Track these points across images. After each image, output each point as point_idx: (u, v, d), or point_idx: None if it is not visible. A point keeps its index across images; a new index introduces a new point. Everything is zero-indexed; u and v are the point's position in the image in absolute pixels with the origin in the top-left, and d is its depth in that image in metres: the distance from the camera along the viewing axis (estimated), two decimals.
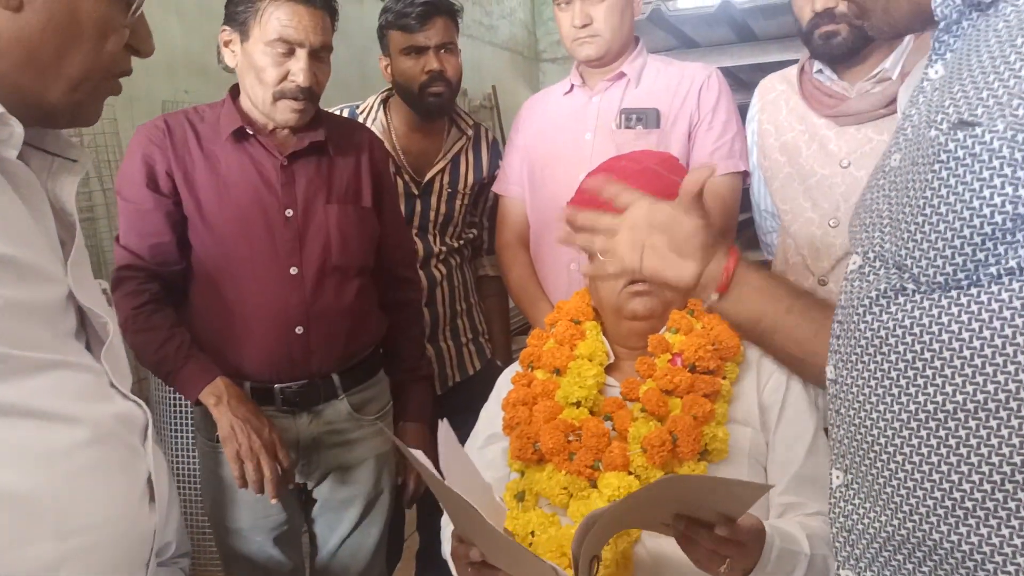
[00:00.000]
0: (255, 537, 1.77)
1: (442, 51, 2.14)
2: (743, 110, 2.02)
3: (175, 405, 2.62)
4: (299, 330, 1.68)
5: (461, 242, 2.32)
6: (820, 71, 1.77)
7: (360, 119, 2.26)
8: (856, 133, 1.70)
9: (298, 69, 1.59)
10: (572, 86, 2.07)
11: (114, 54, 0.87)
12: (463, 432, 1.67)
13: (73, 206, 0.92)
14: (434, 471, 1.07)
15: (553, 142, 2.04)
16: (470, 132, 2.32)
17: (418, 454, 1.10)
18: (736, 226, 2.04)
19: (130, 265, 1.65)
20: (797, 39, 1.83)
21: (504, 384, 1.56)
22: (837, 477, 0.82)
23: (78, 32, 0.82)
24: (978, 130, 0.64)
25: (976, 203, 0.64)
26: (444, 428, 1.17)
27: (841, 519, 0.81)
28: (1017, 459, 0.65)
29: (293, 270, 1.67)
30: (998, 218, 0.63)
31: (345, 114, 2.27)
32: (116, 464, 0.86)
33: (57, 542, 0.77)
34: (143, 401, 0.94)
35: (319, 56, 1.63)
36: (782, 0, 2.30)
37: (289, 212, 1.67)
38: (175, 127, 1.67)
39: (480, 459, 1.52)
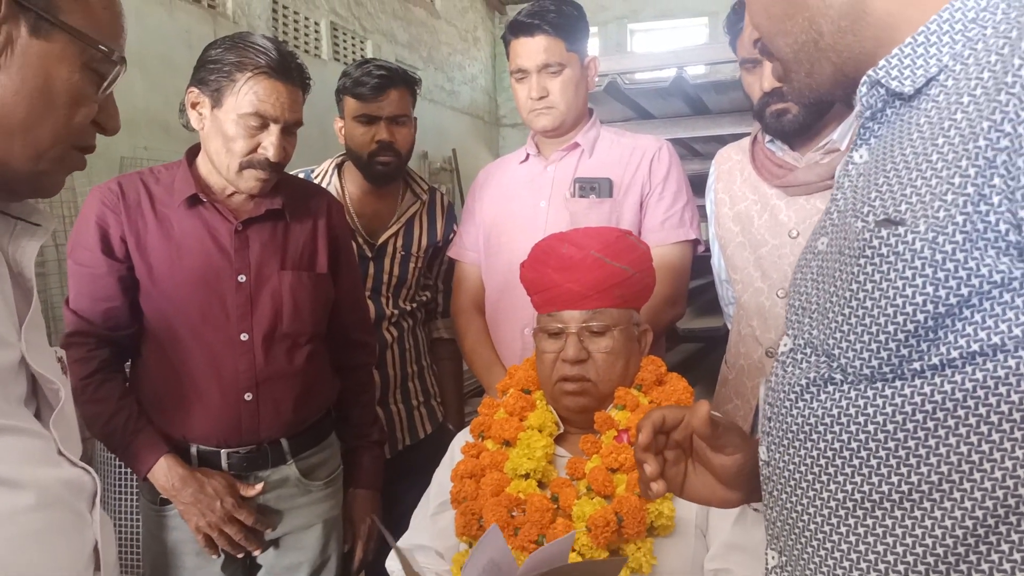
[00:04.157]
0: None
1: (394, 123, 2.18)
2: (698, 179, 2.06)
3: (120, 466, 2.57)
4: (248, 396, 1.66)
5: (414, 304, 2.33)
6: (772, 141, 1.81)
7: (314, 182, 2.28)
8: (805, 204, 1.74)
9: (269, 143, 1.59)
10: (528, 155, 2.12)
11: (82, 127, 0.88)
12: (412, 496, 1.67)
13: (32, 271, 0.92)
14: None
15: (509, 209, 2.08)
16: (424, 197, 2.35)
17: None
18: (686, 293, 2.08)
19: (80, 331, 1.63)
20: (749, 113, 1.87)
21: (456, 450, 1.56)
22: (772, 558, 0.83)
23: (50, 100, 0.83)
24: (901, 229, 0.66)
25: (899, 300, 0.66)
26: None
27: None
28: (940, 549, 0.66)
29: (244, 336, 1.66)
30: (920, 316, 0.65)
31: (300, 177, 2.28)
32: (61, 531, 0.84)
33: None
34: (88, 464, 0.93)
35: (290, 130, 1.64)
36: (733, 77, 2.39)
37: (242, 277, 1.66)
38: (129, 190, 1.66)
39: (432, 526, 1.51)
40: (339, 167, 2.33)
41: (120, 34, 0.91)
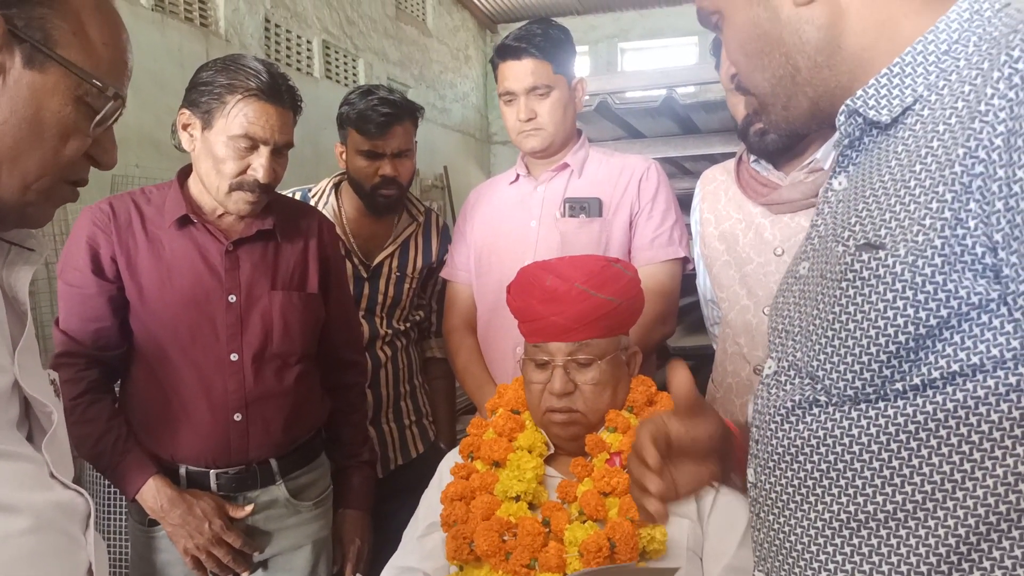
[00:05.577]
0: None
1: (398, 156, 2.19)
2: (688, 198, 2.08)
3: (109, 487, 2.55)
4: (237, 417, 1.66)
5: (407, 324, 2.34)
6: (756, 160, 1.82)
7: (312, 202, 2.29)
8: (790, 221, 1.75)
9: (259, 165, 1.60)
10: (518, 176, 2.13)
11: (72, 160, 0.88)
12: (404, 515, 1.66)
13: (26, 295, 0.92)
14: None
15: (499, 230, 2.09)
16: (420, 218, 2.37)
17: None
18: (677, 311, 2.09)
19: (69, 351, 1.63)
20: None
21: (445, 471, 1.55)
22: None
23: (40, 131, 0.83)
24: (882, 253, 0.68)
25: (881, 323, 0.68)
26: None
27: None
28: (924, 567, 0.68)
29: (233, 356, 1.66)
30: (901, 338, 0.67)
31: (297, 197, 2.29)
32: (55, 553, 0.85)
33: None
34: (77, 485, 0.93)
35: (280, 152, 1.64)
36: (722, 97, 2.40)
37: (232, 297, 1.66)
38: (120, 210, 1.66)
39: (420, 548, 1.50)
40: (336, 187, 2.34)
41: (122, 72, 0.91)
